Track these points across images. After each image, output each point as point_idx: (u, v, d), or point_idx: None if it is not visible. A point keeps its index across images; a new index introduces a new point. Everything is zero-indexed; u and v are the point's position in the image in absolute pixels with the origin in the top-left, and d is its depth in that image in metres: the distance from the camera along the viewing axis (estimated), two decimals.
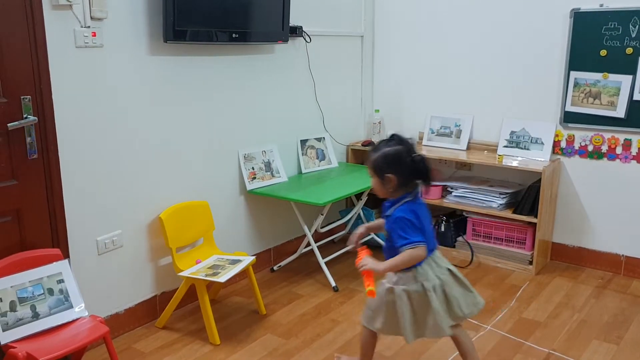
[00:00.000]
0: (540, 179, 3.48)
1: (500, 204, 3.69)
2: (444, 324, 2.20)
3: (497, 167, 3.81)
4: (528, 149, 3.76)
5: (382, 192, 2.28)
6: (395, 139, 2.25)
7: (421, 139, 4.22)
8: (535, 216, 3.52)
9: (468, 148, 4.01)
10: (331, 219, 3.89)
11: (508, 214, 3.66)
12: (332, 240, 4.06)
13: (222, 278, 2.76)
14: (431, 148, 4.10)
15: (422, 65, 4.17)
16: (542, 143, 3.71)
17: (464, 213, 3.86)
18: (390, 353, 2.73)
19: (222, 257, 3.04)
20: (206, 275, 2.79)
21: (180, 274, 2.84)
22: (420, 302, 2.21)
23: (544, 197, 3.48)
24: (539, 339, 2.85)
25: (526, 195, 3.60)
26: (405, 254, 2.14)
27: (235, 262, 2.96)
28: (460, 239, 3.90)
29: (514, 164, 3.63)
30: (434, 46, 4.09)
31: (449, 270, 2.28)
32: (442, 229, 3.90)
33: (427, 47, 4.12)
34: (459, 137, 4.05)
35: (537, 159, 3.69)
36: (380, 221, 2.40)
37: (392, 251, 2.21)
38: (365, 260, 2.22)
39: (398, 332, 2.26)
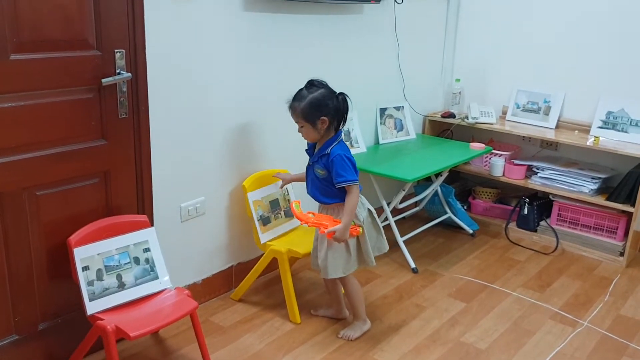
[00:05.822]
0: None
1: (592, 189, 3.43)
2: (372, 254, 2.47)
3: (586, 150, 3.54)
4: (626, 132, 3.47)
5: (313, 137, 2.38)
6: (315, 84, 2.34)
7: (505, 113, 3.95)
8: (633, 205, 3.26)
9: (557, 127, 3.74)
10: (405, 195, 3.67)
11: (600, 200, 3.40)
12: (404, 217, 3.86)
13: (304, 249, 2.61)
14: (515, 124, 3.83)
15: (511, 34, 3.86)
16: None
17: (550, 196, 3.62)
18: (484, 345, 2.56)
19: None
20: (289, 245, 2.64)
21: (263, 240, 2.70)
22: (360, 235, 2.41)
23: None
24: None
25: (624, 181, 3.34)
26: (353, 197, 2.30)
27: None
28: (543, 223, 3.67)
29: (611, 147, 3.36)
30: (524, 13, 3.78)
31: (369, 210, 2.47)
32: (525, 211, 3.67)
33: (517, 14, 3.81)
34: (547, 115, 3.76)
35: (636, 142, 3.41)
36: (301, 174, 2.56)
37: (322, 189, 2.38)
38: (337, 233, 2.28)
39: (347, 265, 2.43)
